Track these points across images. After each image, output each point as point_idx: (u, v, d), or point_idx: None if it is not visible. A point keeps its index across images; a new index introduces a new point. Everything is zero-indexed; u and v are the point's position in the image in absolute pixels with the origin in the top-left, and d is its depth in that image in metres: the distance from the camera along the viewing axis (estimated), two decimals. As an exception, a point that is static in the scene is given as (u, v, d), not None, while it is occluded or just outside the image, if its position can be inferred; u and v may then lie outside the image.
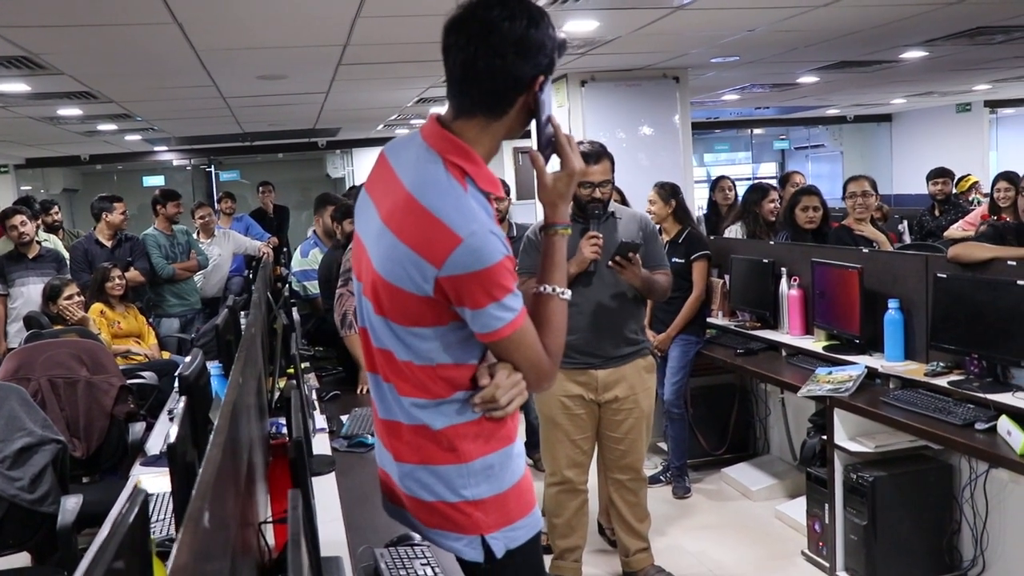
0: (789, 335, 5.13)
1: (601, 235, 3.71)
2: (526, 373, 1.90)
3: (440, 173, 1.86)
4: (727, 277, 5.67)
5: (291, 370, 3.62)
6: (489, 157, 1.95)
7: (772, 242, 5.65)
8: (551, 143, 1.98)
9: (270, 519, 2.39)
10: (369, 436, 3.79)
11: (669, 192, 5.21)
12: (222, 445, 1.66)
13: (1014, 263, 3.75)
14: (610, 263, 3.70)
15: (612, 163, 3.86)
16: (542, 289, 1.95)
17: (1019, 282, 3.59)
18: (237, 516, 1.84)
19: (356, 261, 1.99)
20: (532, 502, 2.02)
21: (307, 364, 5.13)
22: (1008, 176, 6.64)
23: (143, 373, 5.13)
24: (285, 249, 9.46)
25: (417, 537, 2.66)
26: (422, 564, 2.48)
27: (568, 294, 1.97)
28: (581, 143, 3.87)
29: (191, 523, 1.24)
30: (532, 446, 5.76)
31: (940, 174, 8.20)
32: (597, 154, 3.80)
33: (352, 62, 5.94)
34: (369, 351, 1.98)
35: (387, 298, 1.86)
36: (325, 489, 3.15)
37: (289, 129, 11.15)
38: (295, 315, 5.90)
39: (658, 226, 4.48)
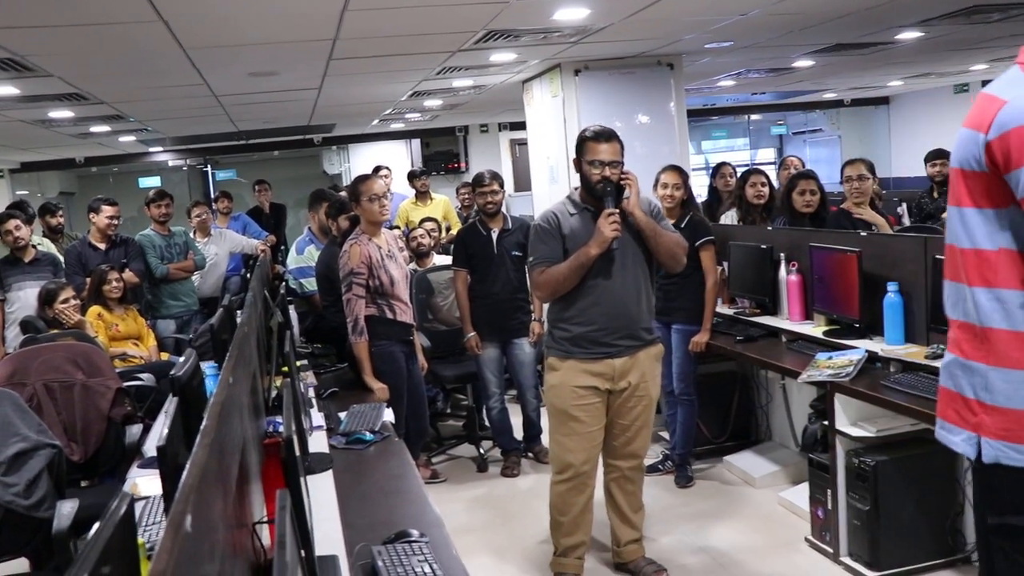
0: (789, 321, 5.10)
1: (618, 211, 3.69)
2: None
3: None
4: (726, 264, 5.64)
5: (286, 368, 3.59)
6: None
7: (770, 227, 5.62)
8: None
9: (265, 519, 2.37)
10: (367, 433, 3.77)
11: (687, 176, 5.23)
12: (208, 446, 1.64)
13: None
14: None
15: (622, 146, 3.82)
16: None
17: (1018, 261, 3.56)
18: (228, 517, 1.82)
19: None
20: None
21: (305, 361, 5.11)
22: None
23: (140, 375, 5.11)
24: (283, 247, 9.44)
25: (415, 534, 2.64)
26: (419, 561, 2.46)
27: None
28: (589, 127, 3.86)
29: (171, 528, 1.22)
30: (530, 439, 5.76)
31: (938, 155, 8.16)
32: (607, 134, 3.78)
33: (343, 56, 5.90)
34: None
35: None
36: (322, 487, 3.13)
37: (284, 127, 11.10)
38: (292, 312, 5.90)
39: None
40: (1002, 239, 2.10)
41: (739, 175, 6.53)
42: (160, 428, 3.95)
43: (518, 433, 5.82)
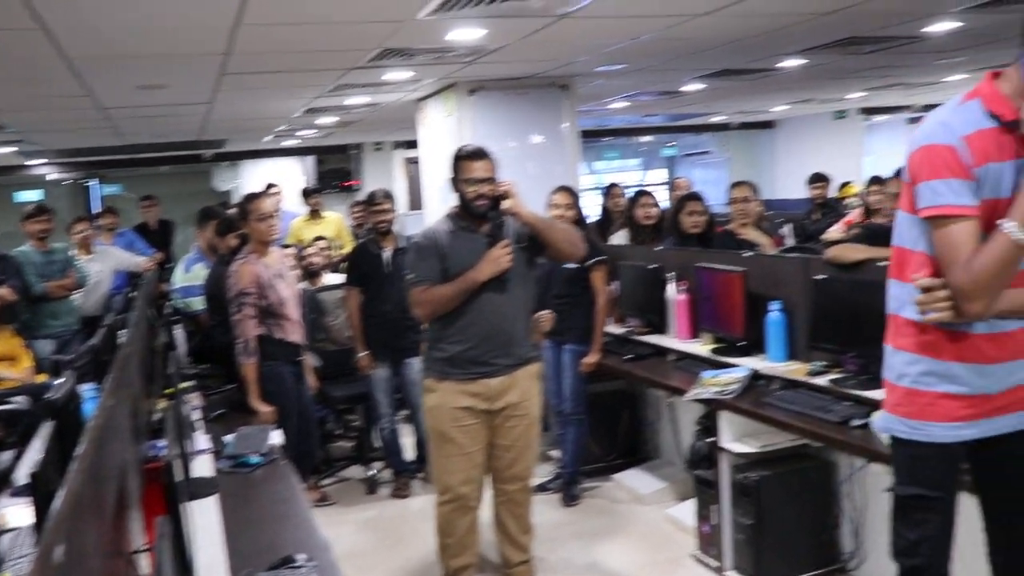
0: (677, 339, 5.20)
1: (510, 241, 3.74)
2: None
3: None
4: (616, 283, 5.72)
5: (170, 390, 3.50)
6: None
7: (659, 248, 5.73)
8: None
9: (144, 547, 2.31)
10: (254, 455, 3.70)
11: (578, 197, 5.30)
12: (84, 472, 1.59)
13: (886, 264, 3.86)
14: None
15: (495, 164, 3.84)
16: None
17: (891, 283, 3.71)
18: (103, 546, 1.77)
19: None
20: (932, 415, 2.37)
21: (191, 382, 4.99)
22: (879, 180, 6.89)
23: (13, 398, 4.90)
24: (170, 265, 9.21)
25: (302, 558, 2.60)
26: (306, 586, 2.42)
27: None
28: (462, 147, 3.88)
29: (41, 559, 1.18)
30: (421, 460, 5.73)
31: (818, 179, 8.48)
32: (481, 152, 3.80)
33: (235, 71, 5.81)
34: None
35: None
36: (206, 512, 3.06)
37: (173, 141, 10.86)
38: (178, 332, 5.76)
39: None
40: (922, 243, 2.36)
41: (630, 196, 6.66)
42: (33, 454, 3.81)
43: (409, 454, 5.79)
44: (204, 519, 2.93)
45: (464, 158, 3.80)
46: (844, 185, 9.72)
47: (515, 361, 3.88)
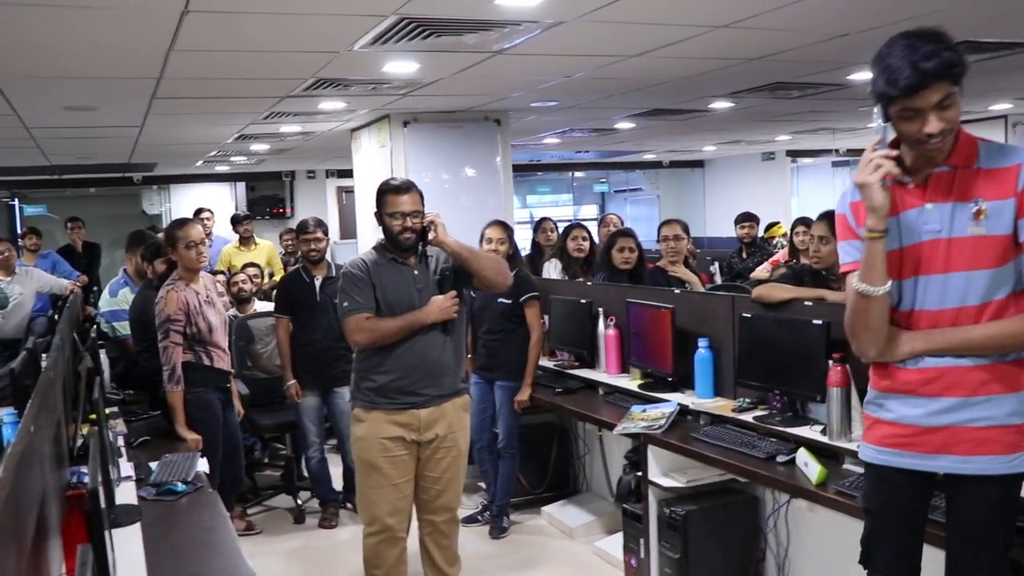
0: (606, 374, 5.25)
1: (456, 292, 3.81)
2: None
3: None
4: (547, 317, 5.76)
5: (94, 416, 3.43)
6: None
7: (590, 283, 5.79)
8: None
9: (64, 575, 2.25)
10: (179, 483, 3.64)
11: (511, 231, 5.33)
12: (3, 500, 1.55)
13: (810, 303, 3.97)
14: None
15: (421, 196, 3.85)
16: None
17: (814, 321, 3.81)
18: (23, 574, 1.73)
19: None
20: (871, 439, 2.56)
21: (115, 408, 4.89)
22: (805, 221, 7.04)
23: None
24: (96, 288, 9.03)
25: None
26: (230, 617, 2.39)
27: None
28: (388, 180, 3.90)
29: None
30: (349, 490, 5.67)
31: (746, 218, 8.66)
32: (406, 185, 3.81)
33: (167, 96, 5.76)
34: None
35: None
36: (129, 540, 3.00)
37: (102, 163, 10.67)
38: (103, 357, 5.64)
39: None
40: None
41: (562, 230, 6.73)
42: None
43: (337, 483, 5.73)
44: (127, 548, 2.87)
45: (390, 192, 3.81)
46: (771, 225, 9.95)
47: (444, 392, 3.88)
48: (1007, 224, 2.32)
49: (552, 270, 6.55)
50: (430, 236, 3.76)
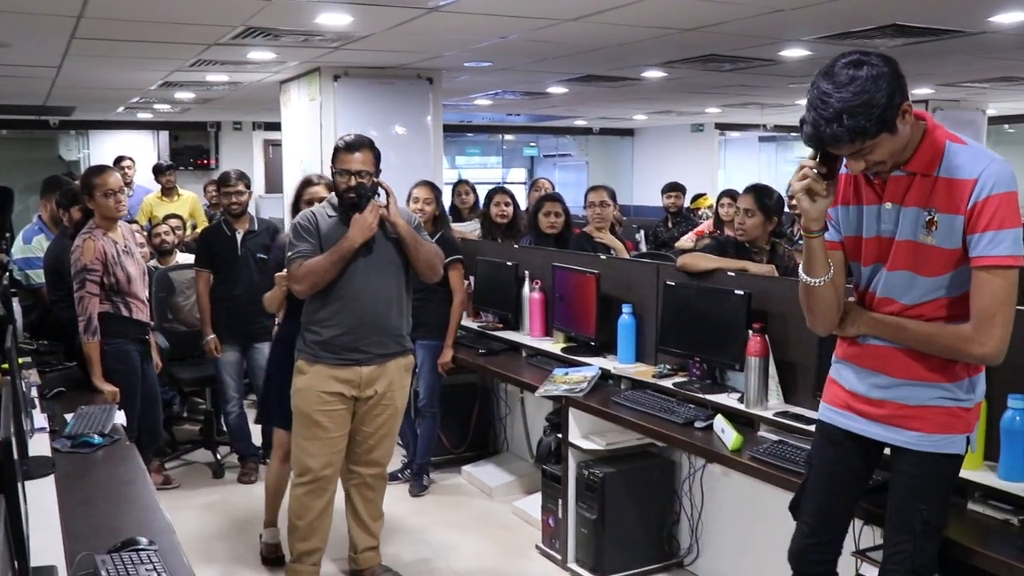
0: (530, 336, 5.29)
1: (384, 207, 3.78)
2: None
3: None
4: (472, 278, 5.77)
5: (6, 365, 3.34)
6: None
7: (516, 246, 5.81)
8: None
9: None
10: (95, 436, 3.58)
11: (439, 192, 5.30)
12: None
13: (732, 274, 4.05)
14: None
15: (376, 156, 3.83)
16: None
17: (736, 292, 3.88)
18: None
19: None
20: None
21: (29, 359, 4.77)
22: (731, 193, 7.15)
23: None
24: (8, 235, 8.74)
25: (144, 541, 2.53)
26: (147, 570, 2.36)
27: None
28: (343, 136, 3.86)
29: None
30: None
31: (673, 188, 8.76)
32: (358, 143, 3.78)
33: (88, 36, 5.58)
34: None
35: None
36: (42, 493, 2.94)
37: (15, 104, 10.31)
38: (16, 305, 5.49)
39: None
40: None
41: (485, 194, 6.69)
42: None
43: (257, 439, 5.69)
44: (41, 499, 2.82)
45: (342, 149, 3.78)
46: (698, 196, 10.07)
47: (388, 351, 3.89)
48: (957, 239, 2.32)
49: (472, 231, 6.53)
50: (382, 212, 3.75)
